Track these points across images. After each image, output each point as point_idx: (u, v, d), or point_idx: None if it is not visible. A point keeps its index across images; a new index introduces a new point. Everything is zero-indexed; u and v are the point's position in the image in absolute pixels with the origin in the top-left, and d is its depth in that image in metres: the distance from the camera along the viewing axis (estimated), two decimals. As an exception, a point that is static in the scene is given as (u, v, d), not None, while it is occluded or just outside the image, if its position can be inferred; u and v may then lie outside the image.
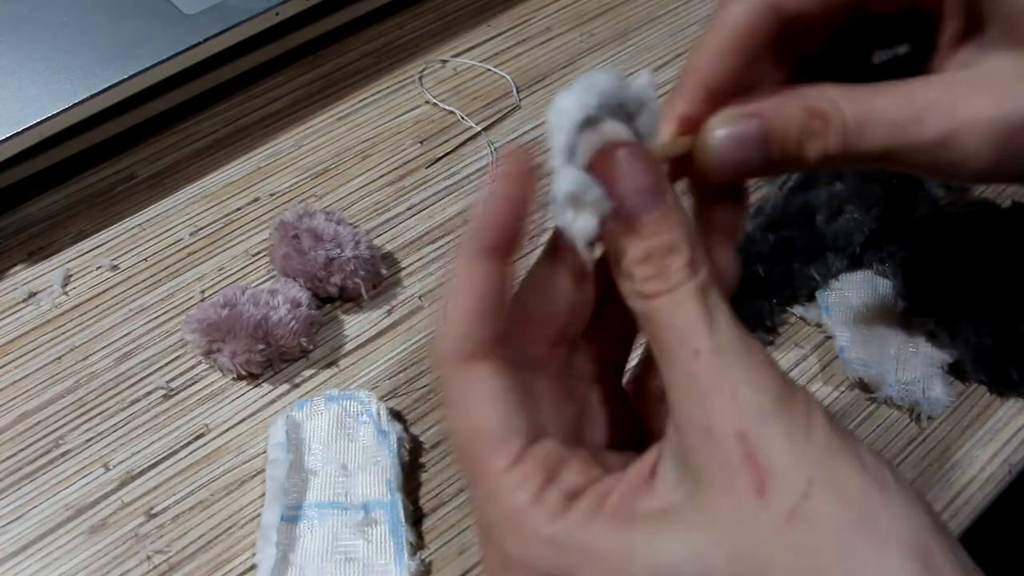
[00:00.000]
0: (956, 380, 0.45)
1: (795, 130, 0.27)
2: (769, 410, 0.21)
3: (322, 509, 0.39)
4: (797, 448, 0.21)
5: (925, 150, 0.26)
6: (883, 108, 0.26)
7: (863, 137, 0.26)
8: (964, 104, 0.26)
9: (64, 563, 0.39)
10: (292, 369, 0.45)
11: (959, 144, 0.26)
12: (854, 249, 0.47)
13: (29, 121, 0.47)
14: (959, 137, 0.26)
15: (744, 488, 0.20)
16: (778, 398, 0.21)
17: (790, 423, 0.21)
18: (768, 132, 0.27)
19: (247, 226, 0.50)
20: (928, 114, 0.26)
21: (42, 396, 0.44)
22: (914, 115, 0.26)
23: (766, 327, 0.46)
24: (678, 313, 0.22)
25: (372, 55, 0.59)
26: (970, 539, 0.41)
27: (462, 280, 0.24)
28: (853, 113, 0.26)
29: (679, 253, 0.23)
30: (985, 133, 0.26)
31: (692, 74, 0.28)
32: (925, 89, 0.27)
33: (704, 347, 0.22)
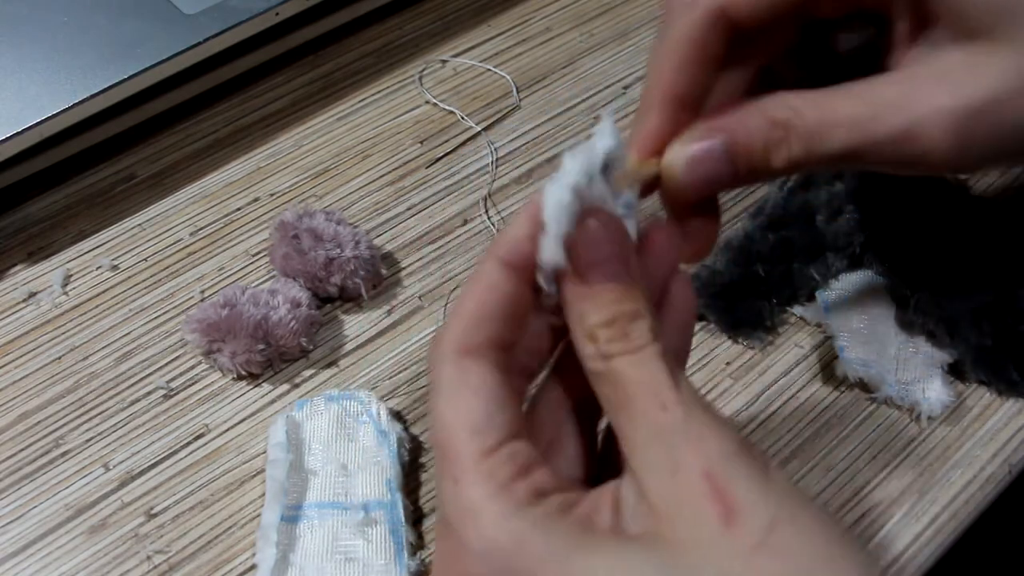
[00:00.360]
0: (956, 380, 0.45)
1: (759, 142, 0.28)
2: (733, 453, 0.22)
3: (322, 509, 0.39)
4: (760, 487, 0.21)
5: (887, 146, 0.27)
6: (842, 110, 0.27)
7: (825, 140, 0.27)
8: (920, 98, 0.27)
9: (64, 563, 0.39)
10: (292, 369, 0.45)
11: (919, 137, 0.27)
12: (854, 249, 0.47)
13: (29, 121, 0.47)
14: (918, 130, 0.26)
15: (711, 519, 0.21)
16: (740, 446, 0.22)
17: (752, 466, 0.22)
18: (732, 147, 0.28)
19: (247, 226, 0.50)
20: (885, 111, 0.27)
21: (42, 396, 0.44)
22: (872, 113, 0.27)
23: (766, 327, 0.46)
24: (643, 370, 0.23)
25: (372, 55, 0.59)
26: (970, 539, 0.41)
27: (478, 280, 0.25)
28: (813, 118, 0.27)
29: (641, 320, 0.24)
30: (943, 124, 0.26)
31: (653, 90, 0.29)
32: (882, 87, 0.27)
33: (671, 400, 0.23)
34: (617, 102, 0.56)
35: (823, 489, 0.42)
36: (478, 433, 0.24)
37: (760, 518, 0.21)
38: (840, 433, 0.43)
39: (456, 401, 0.24)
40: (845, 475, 0.42)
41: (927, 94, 0.27)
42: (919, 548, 0.40)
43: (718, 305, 0.46)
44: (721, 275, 0.46)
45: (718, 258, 0.47)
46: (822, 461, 0.43)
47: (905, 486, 0.42)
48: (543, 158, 0.54)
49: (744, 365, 0.46)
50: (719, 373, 0.45)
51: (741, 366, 0.46)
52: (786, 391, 0.45)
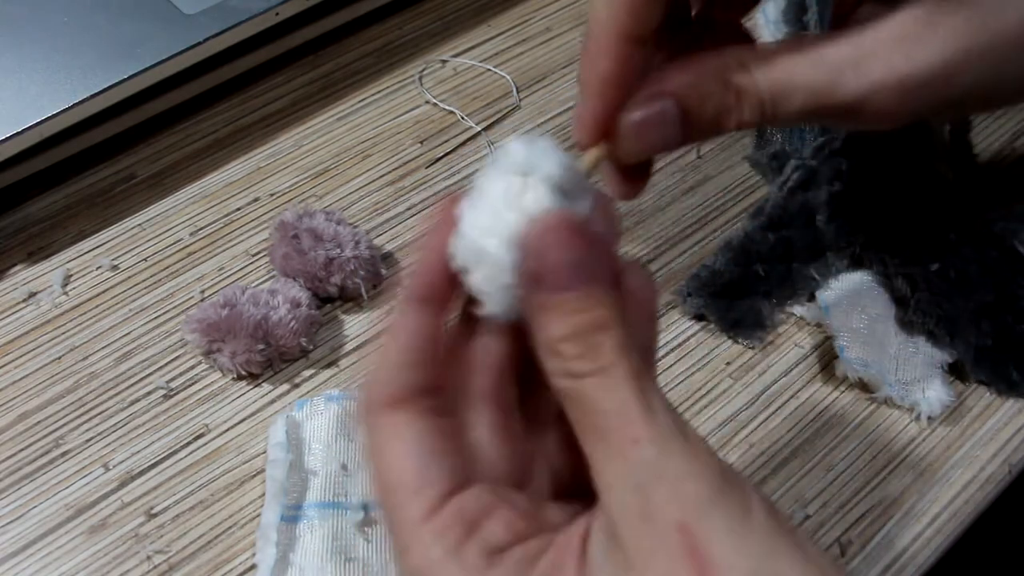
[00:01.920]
0: (956, 380, 0.45)
1: (712, 107, 0.27)
2: (710, 501, 0.20)
3: (322, 509, 0.39)
4: (738, 540, 0.20)
5: (841, 111, 0.27)
6: (799, 74, 0.27)
7: (781, 104, 0.27)
8: (874, 63, 0.26)
9: (64, 563, 0.39)
10: (292, 369, 0.45)
11: (873, 103, 0.26)
12: (854, 249, 0.47)
13: (29, 121, 0.47)
14: (872, 96, 0.26)
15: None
16: (718, 488, 0.20)
17: (730, 515, 0.20)
18: (685, 111, 0.27)
19: (247, 226, 0.50)
20: (842, 78, 0.26)
21: (42, 396, 0.44)
22: (829, 80, 0.26)
23: (766, 327, 0.46)
24: (611, 396, 0.21)
25: (372, 55, 0.59)
26: (970, 539, 0.41)
27: (392, 328, 0.24)
28: (769, 83, 0.27)
29: (609, 331, 0.22)
30: (896, 90, 0.26)
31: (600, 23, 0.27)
32: (836, 50, 0.27)
33: (643, 435, 0.21)
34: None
35: (823, 489, 0.42)
36: (416, 493, 0.22)
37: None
38: (840, 433, 0.43)
39: (388, 460, 0.23)
40: (845, 475, 0.42)
41: (882, 58, 0.26)
42: (919, 548, 0.40)
43: (718, 305, 0.46)
44: (721, 275, 0.46)
45: (718, 258, 0.47)
46: (822, 461, 0.43)
47: (905, 486, 0.42)
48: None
49: (744, 365, 0.46)
50: (719, 373, 0.45)
51: (741, 366, 0.46)
52: (786, 391, 0.45)
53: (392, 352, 0.24)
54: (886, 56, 0.26)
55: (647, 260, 0.49)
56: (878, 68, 0.26)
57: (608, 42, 0.27)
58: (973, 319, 0.44)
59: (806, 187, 0.49)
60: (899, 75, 0.26)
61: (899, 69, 0.26)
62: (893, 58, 0.26)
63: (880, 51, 0.26)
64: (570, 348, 0.22)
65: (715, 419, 0.44)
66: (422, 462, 0.23)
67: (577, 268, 0.22)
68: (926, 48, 0.26)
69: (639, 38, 0.27)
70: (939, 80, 0.26)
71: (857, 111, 0.27)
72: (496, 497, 0.23)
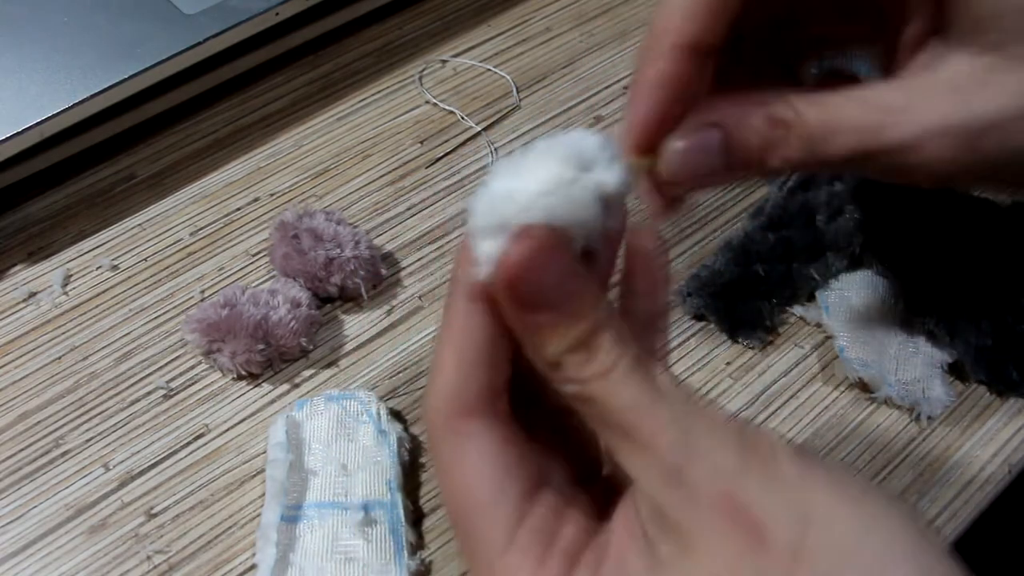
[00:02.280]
0: (956, 380, 0.45)
1: (756, 140, 0.27)
2: (740, 465, 0.21)
3: (322, 509, 0.39)
4: (778, 493, 0.20)
5: (889, 156, 0.26)
6: (847, 115, 0.26)
7: (827, 144, 0.26)
8: (927, 109, 0.26)
9: (64, 563, 0.39)
10: (292, 369, 0.45)
11: (923, 150, 0.26)
12: (854, 249, 0.47)
13: (29, 121, 0.47)
14: (923, 143, 0.26)
15: (743, 541, 0.20)
16: (744, 449, 0.21)
17: (763, 471, 0.21)
18: (729, 142, 0.27)
19: (247, 226, 0.50)
20: (892, 120, 0.26)
21: (42, 396, 0.44)
22: (878, 122, 0.26)
23: (766, 327, 0.46)
24: (622, 393, 0.21)
25: (372, 55, 0.59)
26: (970, 539, 0.41)
27: (453, 328, 0.23)
28: (816, 121, 0.26)
29: (606, 331, 0.22)
30: (948, 138, 0.26)
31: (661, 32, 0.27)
32: (888, 94, 0.27)
33: (661, 424, 0.21)
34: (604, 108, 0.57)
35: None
36: (494, 516, 0.22)
37: (789, 525, 0.20)
38: (840, 433, 0.43)
39: (463, 479, 0.23)
40: (845, 475, 0.42)
41: (936, 105, 0.26)
42: (919, 548, 0.40)
43: (718, 305, 0.46)
44: (721, 275, 0.46)
45: (718, 258, 0.47)
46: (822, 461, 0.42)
47: (905, 486, 0.42)
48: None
49: (744, 365, 0.46)
50: (719, 373, 0.45)
51: (741, 366, 0.46)
52: (786, 391, 0.45)
53: (456, 354, 0.23)
54: (937, 103, 0.26)
55: (647, 260, 0.49)
56: (928, 113, 0.26)
57: (669, 49, 0.27)
58: (973, 319, 0.44)
59: (806, 187, 0.49)
60: (952, 122, 0.26)
61: (952, 116, 0.26)
62: (945, 106, 0.26)
63: (932, 98, 0.26)
64: (569, 359, 0.22)
65: (715, 419, 0.44)
66: (499, 480, 0.23)
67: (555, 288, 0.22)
68: (983, 99, 0.26)
69: (701, 50, 0.27)
70: (993, 134, 0.26)
71: (906, 157, 0.26)
72: (563, 497, 0.23)
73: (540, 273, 0.22)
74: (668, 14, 0.27)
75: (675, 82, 0.27)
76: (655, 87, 0.27)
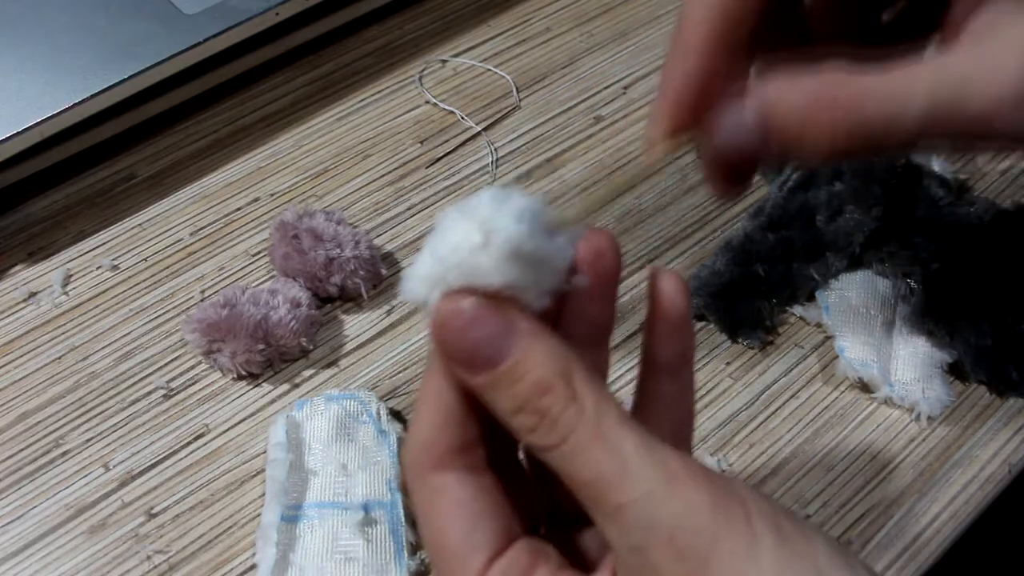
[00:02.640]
0: (956, 380, 0.45)
1: (798, 117, 0.24)
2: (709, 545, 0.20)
3: (322, 509, 0.39)
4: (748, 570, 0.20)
5: (967, 126, 0.24)
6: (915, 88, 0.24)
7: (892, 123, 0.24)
8: (1007, 74, 0.24)
9: (64, 563, 0.39)
10: (292, 369, 0.45)
11: (1006, 116, 0.24)
12: (854, 249, 0.47)
13: (29, 121, 0.47)
14: (1006, 109, 0.24)
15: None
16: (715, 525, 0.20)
17: (734, 551, 0.20)
18: (769, 118, 0.25)
19: (247, 226, 0.50)
20: (969, 88, 0.24)
21: (42, 396, 0.44)
22: (953, 92, 0.24)
23: (766, 327, 0.46)
24: (583, 466, 0.21)
25: (372, 55, 0.59)
26: (970, 539, 0.41)
27: (427, 388, 0.24)
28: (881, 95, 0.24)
29: (554, 391, 0.21)
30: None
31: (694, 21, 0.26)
32: (958, 61, 0.24)
33: (624, 497, 0.20)
34: (607, 105, 0.56)
35: (823, 489, 0.42)
36: (463, 561, 0.23)
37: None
38: (840, 433, 0.43)
39: (436, 524, 0.23)
40: (845, 475, 0.42)
41: (1012, 67, 0.24)
42: (919, 548, 0.40)
43: (718, 305, 0.46)
44: (721, 275, 0.46)
45: (718, 258, 0.47)
46: (822, 461, 0.43)
47: (905, 486, 0.42)
48: (543, 158, 0.54)
49: (744, 365, 0.46)
50: (719, 373, 0.45)
51: (741, 366, 0.46)
52: (786, 391, 0.45)
53: (428, 413, 0.24)
54: (1013, 60, 0.24)
55: (647, 260, 0.49)
56: (1007, 77, 0.24)
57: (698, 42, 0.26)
58: (973, 319, 0.44)
59: (806, 187, 0.49)
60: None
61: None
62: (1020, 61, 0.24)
63: (1007, 60, 0.24)
64: (523, 421, 0.21)
65: (715, 419, 0.44)
66: (467, 529, 0.23)
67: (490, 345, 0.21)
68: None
69: (730, 43, 0.26)
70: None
71: (986, 126, 0.24)
72: (534, 554, 0.23)
73: (476, 331, 0.22)
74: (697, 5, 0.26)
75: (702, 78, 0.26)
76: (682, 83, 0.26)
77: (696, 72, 0.26)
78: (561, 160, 0.54)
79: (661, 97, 0.27)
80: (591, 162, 0.54)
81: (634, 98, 0.57)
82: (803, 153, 0.25)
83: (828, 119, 0.24)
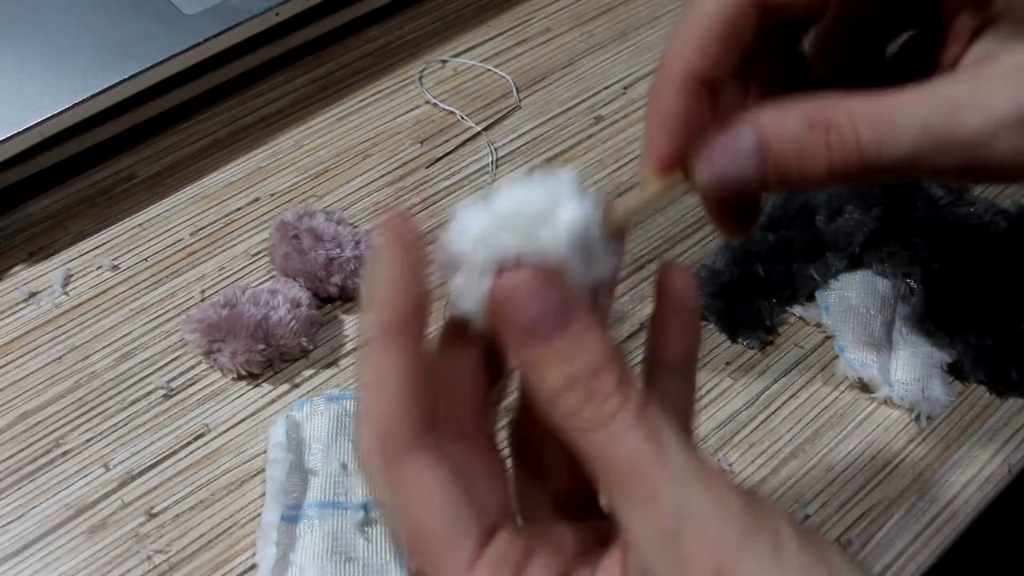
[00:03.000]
0: (956, 380, 0.45)
1: (792, 143, 0.24)
2: (739, 541, 0.20)
3: (322, 509, 0.39)
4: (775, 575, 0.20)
5: (960, 152, 0.24)
6: (908, 111, 0.24)
7: (884, 146, 0.24)
8: (996, 99, 0.24)
9: (64, 563, 0.39)
10: (292, 369, 0.45)
11: (998, 143, 0.24)
12: (854, 249, 0.47)
13: (29, 121, 0.47)
14: (996, 135, 0.24)
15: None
16: (746, 526, 0.20)
17: (761, 552, 0.20)
18: (763, 145, 0.24)
19: (247, 226, 0.50)
20: (962, 112, 0.24)
21: (42, 396, 0.44)
22: (945, 116, 0.24)
23: (766, 327, 0.46)
24: (621, 448, 0.20)
25: (372, 55, 0.59)
26: (970, 539, 0.41)
27: (375, 370, 0.22)
28: (871, 120, 0.24)
29: (604, 374, 0.21)
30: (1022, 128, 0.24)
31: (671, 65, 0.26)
32: (949, 87, 0.24)
33: (660, 484, 0.20)
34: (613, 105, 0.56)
35: (823, 489, 0.42)
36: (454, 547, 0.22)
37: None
38: (840, 433, 0.43)
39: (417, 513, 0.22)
40: (845, 475, 0.42)
41: (1005, 94, 0.24)
42: (919, 548, 0.40)
43: (718, 305, 0.46)
44: (721, 275, 0.46)
45: (718, 258, 0.47)
46: (822, 461, 0.43)
47: (905, 486, 0.42)
48: (543, 158, 0.54)
49: (744, 365, 0.46)
50: (719, 373, 0.45)
51: (741, 366, 0.46)
52: (786, 391, 0.45)
53: (384, 396, 0.22)
54: (1009, 92, 0.24)
55: (647, 260, 0.49)
56: (1001, 103, 0.24)
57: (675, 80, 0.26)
58: (973, 319, 0.44)
59: (806, 187, 0.49)
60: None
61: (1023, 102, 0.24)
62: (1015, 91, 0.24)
63: (1003, 87, 0.24)
64: (569, 400, 0.21)
65: (715, 419, 0.44)
66: (453, 513, 0.22)
67: (552, 318, 0.21)
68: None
69: (709, 81, 0.25)
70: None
71: (977, 153, 0.24)
72: (527, 540, 0.23)
73: (539, 302, 0.21)
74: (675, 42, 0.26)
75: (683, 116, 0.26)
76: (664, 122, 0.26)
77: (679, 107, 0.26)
78: (561, 160, 0.54)
79: (647, 134, 0.27)
80: (591, 162, 0.54)
81: (634, 98, 0.57)
82: (801, 178, 0.25)
83: (824, 141, 0.24)
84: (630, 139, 0.55)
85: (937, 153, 0.24)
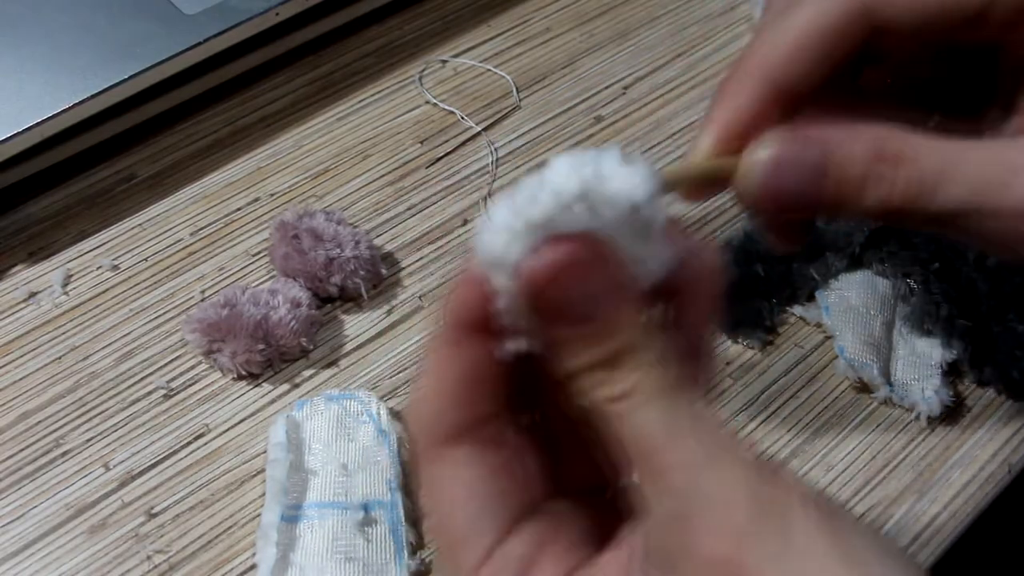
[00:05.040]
0: (956, 380, 0.45)
1: (859, 168, 0.23)
2: (748, 528, 0.19)
3: (322, 509, 0.39)
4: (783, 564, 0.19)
5: (1002, 218, 0.24)
6: (971, 163, 0.24)
7: (936, 193, 0.23)
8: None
9: (64, 563, 0.39)
10: (292, 369, 0.45)
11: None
12: (854, 249, 0.47)
13: (29, 121, 0.47)
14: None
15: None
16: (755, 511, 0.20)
17: (770, 539, 0.19)
18: (828, 163, 0.24)
19: (247, 226, 0.50)
20: (1014, 178, 0.23)
21: (42, 396, 0.44)
22: (998, 177, 0.23)
23: (766, 327, 0.46)
24: (642, 421, 0.20)
25: (372, 55, 0.59)
26: (970, 539, 0.41)
27: (436, 359, 0.23)
28: (932, 163, 0.23)
29: (639, 352, 0.21)
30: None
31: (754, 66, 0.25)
32: (1011, 151, 0.24)
33: (672, 462, 0.20)
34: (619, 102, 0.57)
35: (823, 489, 0.42)
36: (470, 539, 0.22)
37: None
38: (840, 433, 0.43)
39: (444, 504, 0.23)
40: (845, 475, 0.42)
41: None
42: (919, 548, 0.40)
43: (718, 305, 0.46)
44: (721, 275, 0.46)
45: (718, 258, 0.47)
46: (822, 461, 0.43)
47: (905, 486, 0.42)
48: (543, 158, 0.54)
49: (744, 365, 0.46)
50: (719, 373, 0.45)
51: (741, 366, 0.46)
52: (786, 391, 0.45)
53: (441, 382, 0.23)
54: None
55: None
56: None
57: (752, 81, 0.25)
58: (973, 319, 0.44)
59: (806, 187, 0.49)
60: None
61: None
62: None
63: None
64: (592, 377, 0.21)
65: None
66: (477, 508, 0.22)
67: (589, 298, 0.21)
68: None
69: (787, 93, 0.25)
70: None
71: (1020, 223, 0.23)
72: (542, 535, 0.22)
73: (573, 284, 0.21)
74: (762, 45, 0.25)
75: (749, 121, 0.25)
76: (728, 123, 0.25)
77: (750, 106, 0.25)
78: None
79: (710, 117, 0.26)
80: (591, 162, 0.54)
81: (634, 98, 0.57)
82: (856, 206, 0.24)
83: (889, 174, 0.24)
84: (630, 139, 0.55)
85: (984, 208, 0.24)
